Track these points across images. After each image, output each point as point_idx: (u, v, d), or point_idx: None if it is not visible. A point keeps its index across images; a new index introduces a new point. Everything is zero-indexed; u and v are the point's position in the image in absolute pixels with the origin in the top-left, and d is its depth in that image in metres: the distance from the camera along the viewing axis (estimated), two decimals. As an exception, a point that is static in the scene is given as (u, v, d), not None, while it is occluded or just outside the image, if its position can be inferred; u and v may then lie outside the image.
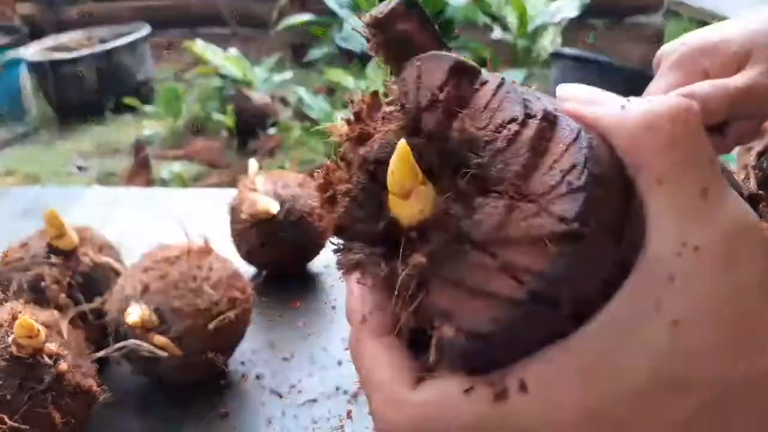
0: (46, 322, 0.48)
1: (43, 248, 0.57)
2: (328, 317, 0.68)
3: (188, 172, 2.57)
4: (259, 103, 2.77)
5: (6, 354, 0.44)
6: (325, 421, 0.54)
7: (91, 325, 0.55)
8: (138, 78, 3.44)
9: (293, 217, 0.68)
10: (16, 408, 0.43)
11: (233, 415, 0.55)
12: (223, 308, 0.52)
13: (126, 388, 0.57)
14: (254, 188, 0.69)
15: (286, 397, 0.57)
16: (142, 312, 0.50)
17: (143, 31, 3.54)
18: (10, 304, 0.50)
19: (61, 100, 3.24)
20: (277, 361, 0.61)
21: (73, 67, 3.23)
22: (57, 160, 2.80)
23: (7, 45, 3.35)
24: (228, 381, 0.58)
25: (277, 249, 0.68)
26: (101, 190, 1.01)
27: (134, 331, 0.50)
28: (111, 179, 2.57)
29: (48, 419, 0.44)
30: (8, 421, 0.42)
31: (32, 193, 0.99)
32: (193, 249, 0.55)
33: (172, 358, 0.50)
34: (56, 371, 0.45)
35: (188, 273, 0.52)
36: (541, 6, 3.28)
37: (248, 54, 3.70)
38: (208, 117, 2.98)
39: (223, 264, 0.55)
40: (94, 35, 3.62)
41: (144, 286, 0.52)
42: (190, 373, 0.54)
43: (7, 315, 0.47)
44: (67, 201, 0.96)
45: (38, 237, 0.59)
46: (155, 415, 0.54)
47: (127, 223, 0.88)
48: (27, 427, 0.43)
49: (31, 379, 0.44)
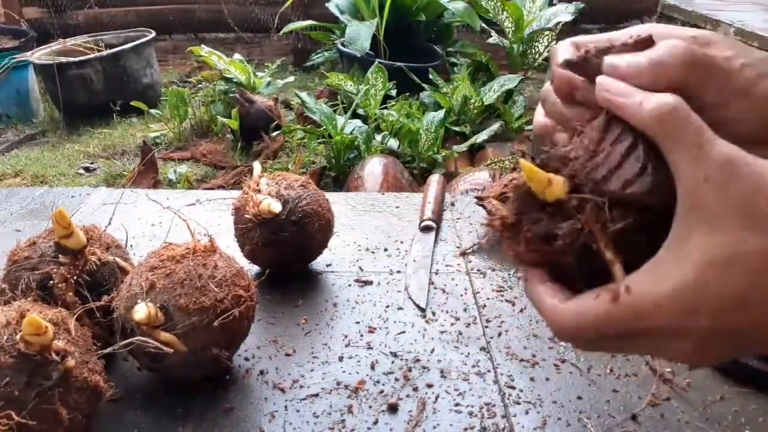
0: (53, 320, 0.48)
1: (51, 247, 0.57)
2: (330, 314, 0.69)
3: (194, 174, 2.59)
4: (263, 106, 2.78)
5: (14, 351, 0.44)
6: (326, 416, 0.55)
7: (98, 323, 0.56)
8: (144, 81, 3.47)
9: (296, 217, 0.69)
10: (23, 404, 0.43)
11: (237, 409, 0.55)
12: (228, 306, 0.53)
13: (132, 383, 0.58)
14: (258, 189, 0.70)
15: (288, 392, 0.57)
16: (149, 309, 0.51)
17: (149, 36, 3.57)
18: (18, 302, 0.51)
19: (68, 102, 3.27)
20: (280, 357, 0.62)
21: (80, 70, 3.26)
22: (64, 162, 2.82)
23: (15, 48, 3.38)
24: (232, 376, 0.59)
25: (280, 248, 0.69)
26: (108, 190, 1.02)
27: (141, 328, 0.51)
28: (118, 180, 2.59)
29: (55, 415, 0.45)
30: (16, 418, 0.43)
31: (40, 193, 1.01)
32: (198, 248, 0.55)
33: (177, 354, 0.51)
34: (63, 368, 0.45)
35: (194, 271, 0.53)
36: (537, 11, 3.29)
37: (252, 58, 3.72)
38: (213, 120, 3.00)
39: (227, 263, 0.56)
40: (100, 40, 3.65)
41: (150, 284, 0.52)
42: (195, 369, 0.54)
43: (15, 313, 0.47)
44: (74, 201, 0.97)
45: (46, 236, 0.59)
46: (161, 410, 0.55)
47: (133, 222, 0.89)
48: (34, 424, 0.43)
49: (38, 376, 0.44)
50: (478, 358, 0.62)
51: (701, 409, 0.55)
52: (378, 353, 0.63)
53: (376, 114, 2.70)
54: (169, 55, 4.43)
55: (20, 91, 3.38)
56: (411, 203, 0.96)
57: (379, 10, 3.36)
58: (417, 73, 3.06)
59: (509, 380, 0.59)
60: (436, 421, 0.54)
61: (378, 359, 0.62)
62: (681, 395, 0.57)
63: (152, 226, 0.89)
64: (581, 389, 0.58)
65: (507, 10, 3.24)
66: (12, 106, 3.36)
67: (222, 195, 1.03)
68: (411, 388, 0.58)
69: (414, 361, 0.62)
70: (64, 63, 3.25)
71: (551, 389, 0.58)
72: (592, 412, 0.55)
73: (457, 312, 0.70)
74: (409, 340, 0.65)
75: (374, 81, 2.81)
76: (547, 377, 0.59)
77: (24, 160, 2.85)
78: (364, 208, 0.94)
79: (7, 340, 0.45)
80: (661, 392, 0.57)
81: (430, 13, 3.61)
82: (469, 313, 0.70)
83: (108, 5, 4.48)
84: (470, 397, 0.57)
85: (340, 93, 2.99)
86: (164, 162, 2.75)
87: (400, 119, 2.54)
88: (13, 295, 0.55)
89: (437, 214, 0.89)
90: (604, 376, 0.59)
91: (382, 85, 2.80)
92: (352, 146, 2.49)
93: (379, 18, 3.35)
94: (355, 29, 3.26)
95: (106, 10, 4.47)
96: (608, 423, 0.54)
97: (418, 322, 0.68)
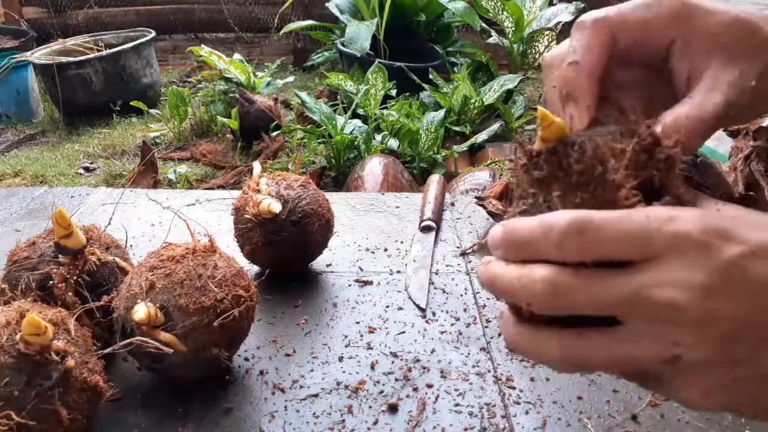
0: (53, 320, 0.48)
1: (50, 247, 0.57)
2: (330, 314, 0.69)
3: (194, 174, 2.59)
4: (263, 106, 2.78)
5: (14, 351, 0.44)
6: (326, 416, 0.55)
7: (98, 323, 0.56)
8: (144, 81, 3.47)
9: (295, 217, 0.69)
10: (23, 404, 0.43)
11: (237, 409, 0.55)
12: (228, 306, 0.53)
13: (132, 383, 0.58)
14: (258, 189, 0.70)
15: (288, 392, 0.57)
16: (148, 309, 0.51)
17: (149, 35, 3.57)
18: (18, 302, 0.51)
19: (68, 102, 3.27)
20: (280, 357, 0.62)
21: (80, 70, 3.26)
22: (64, 162, 2.82)
23: (15, 48, 3.38)
24: (232, 377, 0.59)
25: (280, 248, 0.69)
26: (108, 190, 1.02)
27: (140, 328, 0.51)
28: (118, 180, 2.59)
29: (55, 415, 0.45)
30: (16, 418, 0.43)
31: (39, 193, 1.01)
32: (198, 248, 0.55)
33: (177, 354, 0.51)
34: (63, 368, 0.46)
35: (193, 271, 0.53)
36: (537, 11, 3.29)
37: (252, 58, 3.72)
38: (213, 120, 3.00)
39: (227, 263, 0.56)
40: (100, 39, 3.65)
41: (150, 284, 0.52)
42: (195, 369, 0.54)
43: (14, 313, 0.47)
44: (74, 201, 0.97)
45: (46, 236, 0.59)
46: (161, 410, 0.55)
47: (133, 222, 0.89)
48: (34, 424, 0.44)
49: (38, 376, 0.44)
50: (478, 358, 0.62)
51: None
52: (378, 353, 0.63)
53: (376, 114, 2.70)
54: (169, 55, 4.43)
55: (20, 91, 3.38)
56: (411, 203, 0.96)
57: (379, 10, 3.36)
58: (417, 73, 3.06)
59: (509, 380, 0.59)
60: (436, 421, 0.54)
61: (378, 359, 0.62)
62: (681, 395, 0.57)
63: (152, 226, 0.89)
64: (581, 389, 0.58)
65: (507, 10, 3.24)
66: (12, 106, 3.36)
67: (222, 195, 1.03)
68: (411, 388, 0.58)
69: (414, 361, 0.62)
70: (63, 63, 3.25)
71: (551, 389, 0.58)
72: (592, 412, 0.55)
73: (457, 312, 0.70)
74: (409, 340, 0.65)
75: (374, 81, 2.81)
76: (547, 377, 0.59)
77: (24, 160, 2.85)
78: (364, 208, 0.94)
79: (7, 340, 0.45)
80: (661, 392, 0.57)
81: (430, 13, 3.60)
82: (469, 313, 0.69)
83: (108, 5, 4.48)
84: (470, 397, 0.57)
85: (340, 93, 2.98)
86: (164, 162, 2.75)
87: (400, 119, 2.54)
88: (13, 295, 0.55)
89: (437, 214, 0.89)
90: (604, 376, 0.59)
91: (382, 85, 2.80)
92: (352, 146, 2.49)
93: (379, 18, 3.35)
94: (355, 29, 3.26)
95: (105, 9, 4.47)
96: (608, 423, 0.54)
97: (418, 322, 0.68)
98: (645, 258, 0.27)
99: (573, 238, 0.28)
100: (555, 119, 0.31)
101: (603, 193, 0.29)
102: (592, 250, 0.28)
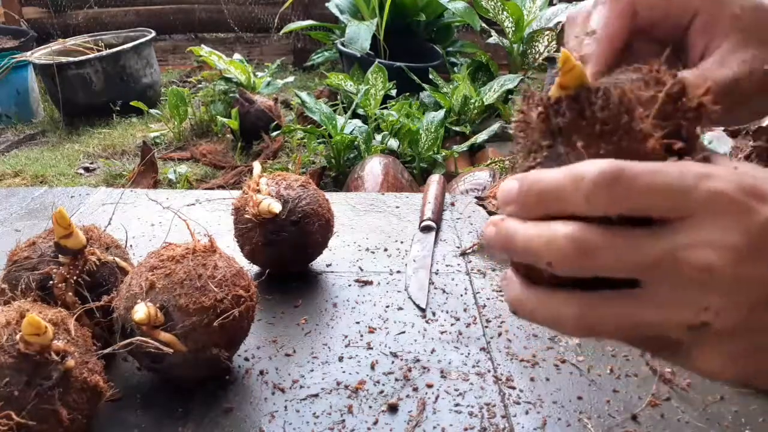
0: (53, 320, 0.48)
1: (50, 247, 0.57)
2: (330, 314, 0.69)
3: (194, 174, 2.59)
4: (263, 106, 2.78)
5: (14, 351, 0.44)
6: (326, 416, 0.55)
7: (98, 323, 0.56)
8: (144, 81, 3.47)
9: (295, 217, 0.69)
10: (23, 405, 0.43)
11: (237, 409, 0.55)
12: (228, 306, 0.53)
13: (132, 383, 0.58)
14: (258, 189, 0.70)
15: (288, 392, 0.57)
16: (148, 309, 0.51)
17: (149, 35, 3.57)
18: (18, 302, 0.51)
19: (68, 102, 3.27)
20: (280, 357, 0.62)
21: (80, 70, 3.26)
22: (64, 162, 2.82)
23: (15, 48, 3.38)
24: (232, 377, 0.59)
25: (280, 248, 0.69)
26: (108, 190, 1.02)
27: (140, 328, 0.51)
28: (118, 180, 2.59)
29: (55, 415, 0.45)
30: (16, 418, 0.43)
31: (39, 193, 1.01)
32: (198, 248, 0.55)
33: (177, 354, 0.51)
34: (63, 368, 0.45)
35: (193, 271, 0.53)
36: (537, 11, 3.29)
37: (252, 58, 3.71)
38: (212, 120, 3.00)
39: (227, 263, 0.56)
40: (100, 39, 3.65)
41: (150, 284, 0.52)
42: (195, 370, 0.54)
43: (15, 313, 0.47)
44: (74, 201, 0.97)
45: (46, 236, 0.59)
46: (161, 410, 0.55)
47: (133, 223, 0.89)
48: (34, 424, 0.43)
49: (38, 376, 0.44)
50: (478, 358, 0.62)
51: (701, 409, 0.55)
52: (378, 353, 0.63)
53: (376, 114, 2.70)
54: (169, 55, 4.43)
55: (20, 91, 3.38)
56: (411, 203, 0.96)
57: (379, 10, 3.36)
58: (417, 73, 3.06)
59: (509, 380, 0.59)
60: (436, 421, 0.54)
61: (378, 359, 0.62)
62: (681, 395, 0.57)
63: (152, 226, 0.89)
64: (581, 389, 0.58)
65: (507, 10, 3.24)
66: (12, 106, 3.36)
67: (222, 195, 1.03)
68: (411, 388, 0.58)
69: (414, 361, 0.62)
70: (63, 63, 3.25)
71: (551, 389, 0.58)
72: (592, 412, 0.55)
73: (457, 312, 0.70)
74: (409, 340, 0.65)
75: (374, 81, 2.81)
76: (547, 377, 0.59)
77: (24, 160, 2.85)
78: (364, 208, 0.94)
79: (7, 340, 0.45)
80: (661, 392, 0.57)
81: (430, 13, 3.61)
82: (469, 313, 0.70)
83: (108, 5, 4.48)
84: (470, 397, 0.57)
85: (340, 93, 2.99)
86: (164, 162, 2.75)
87: (400, 119, 2.54)
88: (13, 295, 0.55)
89: (437, 214, 0.89)
90: (604, 376, 0.59)
91: (382, 85, 2.80)
92: (352, 146, 2.49)
93: (379, 18, 3.35)
94: (355, 29, 3.26)
95: (105, 9, 4.47)
96: (608, 423, 0.54)
97: (418, 322, 0.68)
98: (679, 216, 0.25)
99: (604, 190, 0.25)
100: (577, 63, 0.28)
101: (629, 144, 0.27)
102: (624, 203, 0.25)
